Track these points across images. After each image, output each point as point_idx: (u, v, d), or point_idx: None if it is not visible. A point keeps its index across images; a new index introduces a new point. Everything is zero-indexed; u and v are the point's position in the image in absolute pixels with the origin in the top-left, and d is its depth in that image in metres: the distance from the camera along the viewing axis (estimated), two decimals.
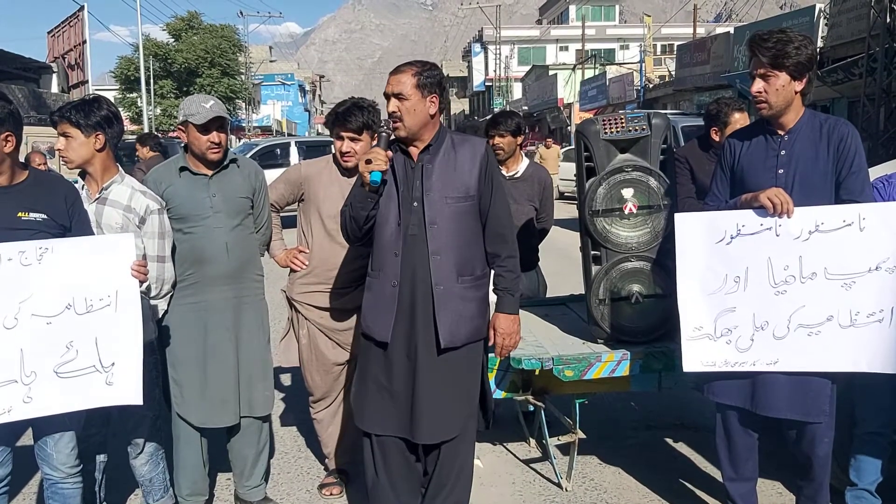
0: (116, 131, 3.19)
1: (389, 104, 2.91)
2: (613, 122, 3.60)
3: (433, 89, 2.92)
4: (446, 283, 2.90)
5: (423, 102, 2.91)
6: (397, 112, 2.88)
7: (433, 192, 2.91)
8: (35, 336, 2.71)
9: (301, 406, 4.68)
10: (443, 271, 2.90)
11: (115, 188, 3.17)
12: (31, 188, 2.85)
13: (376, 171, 2.81)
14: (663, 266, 3.53)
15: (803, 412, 2.96)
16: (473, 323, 2.99)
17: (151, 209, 3.18)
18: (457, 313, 2.92)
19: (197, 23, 42.45)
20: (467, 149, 2.99)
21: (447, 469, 3.04)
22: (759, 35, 2.97)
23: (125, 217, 3.14)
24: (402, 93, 2.88)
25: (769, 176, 3.01)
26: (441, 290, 2.90)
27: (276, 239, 3.75)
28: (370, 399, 3.03)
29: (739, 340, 3.01)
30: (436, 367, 2.93)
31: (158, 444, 3.37)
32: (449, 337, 2.91)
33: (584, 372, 3.55)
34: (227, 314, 3.38)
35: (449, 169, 2.95)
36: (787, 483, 3.69)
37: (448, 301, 2.91)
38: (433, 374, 2.92)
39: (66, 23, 28.74)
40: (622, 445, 4.34)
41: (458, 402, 2.99)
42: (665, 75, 31.60)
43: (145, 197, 3.20)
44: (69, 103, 3.16)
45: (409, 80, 2.89)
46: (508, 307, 3.05)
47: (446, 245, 2.90)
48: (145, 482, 3.36)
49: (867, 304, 2.88)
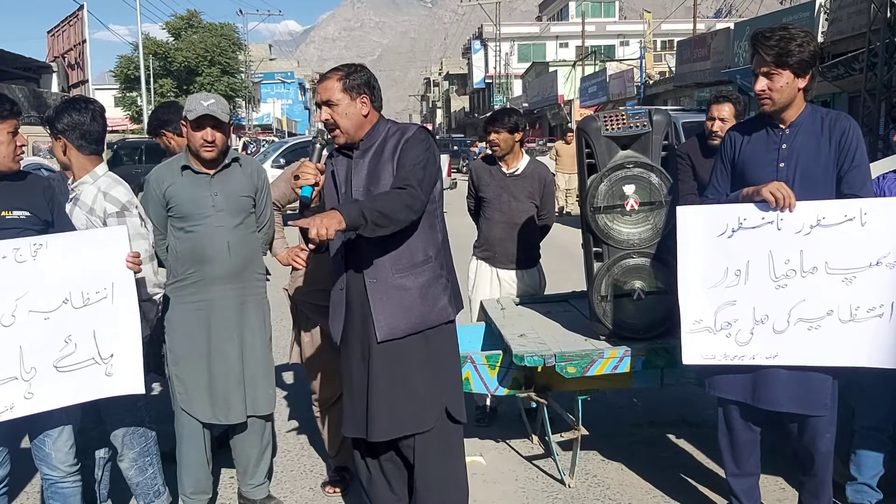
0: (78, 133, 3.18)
1: (321, 113, 2.88)
2: (614, 119, 3.60)
3: (361, 90, 2.88)
4: (380, 276, 2.85)
5: (354, 105, 2.87)
6: (330, 119, 2.86)
7: (360, 187, 2.88)
8: (33, 332, 2.73)
9: (304, 404, 4.69)
10: (374, 264, 2.85)
11: (86, 188, 3.20)
12: (9, 186, 2.86)
13: (305, 185, 2.78)
14: (665, 262, 3.53)
15: (804, 406, 2.96)
16: (416, 311, 2.86)
17: (109, 212, 3.17)
18: (394, 304, 2.85)
19: (196, 21, 42.43)
20: (396, 137, 2.91)
21: (426, 472, 2.95)
22: (761, 32, 2.96)
23: (88, 219, 3.15)
24: (330, 99, 2.85)
25: (770, 170, 3.01)
26: (374, 283, 2.85)
27: (277, 237, 3.75)
28: (346, 405, 3.06)
29: (739, 334, 3.01)
30: (382, 361, 2.88)
31: (143, 451, 3.33)
32: (387, 329, 2.84)
33: (587, 368, 3.55)
34: (229, 313, 3.38)
35: (376, 161, 2.89)
36: (790, 478, 3.69)
37: (382, 293, 2.85)
38: (381, 369, 2.88)
39: (66, 22, 28.76)
40: (625, 442, 4.34)
41: (413, 396, 2.89)
42: (665, 71, 31.56)
43: (105, 199, 3.19)
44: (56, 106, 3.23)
45: (336, 86, 2.85)
46: (345, 210, 2.60)
47: (376, 238, 2.77)
48: (133, 486, 3.37)
49: (867, 298, 2.88)
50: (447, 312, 2.96)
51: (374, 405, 2.88)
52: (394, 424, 2.89)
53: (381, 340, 2.85)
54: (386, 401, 2.87)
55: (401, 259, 2.86)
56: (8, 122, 2.77)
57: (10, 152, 2.79)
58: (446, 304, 2.95)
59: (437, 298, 2.92)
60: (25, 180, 2.93)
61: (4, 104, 2.77)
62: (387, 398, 2.87)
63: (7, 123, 2.77)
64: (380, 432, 2.89)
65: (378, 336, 2.85)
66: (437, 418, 2.93)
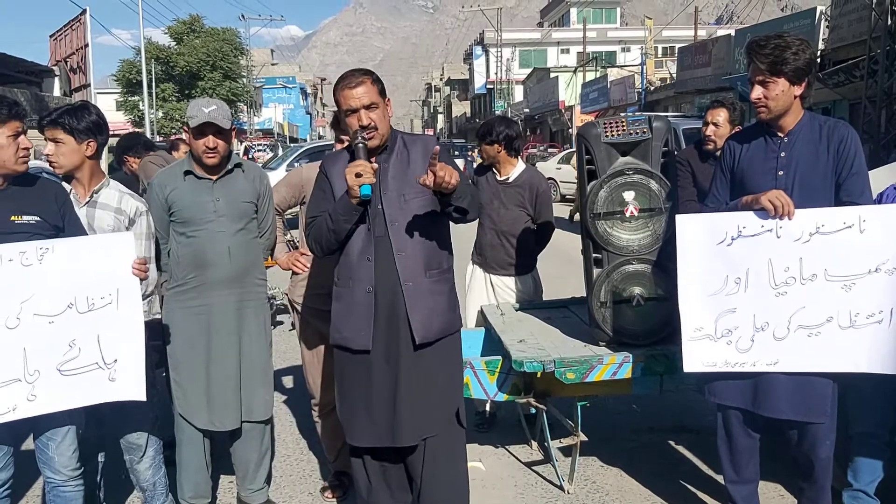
0: (105, 138, 3.22)
1: (361, 117, 2.85)
2: (615, 126, 3.61)
3: (385, 94, 2.96)
4: (415, 280, 2.88)
5: (387, 107, 2.94)
6: (373, 122, 2.86)
7: (390, 191, 2.90)
8: (37, 335, 2.74)
9: (303, 409, 4.69)
10: (410, 268, 2.88)
11: (105, 192, 3.21)
12: (21, 191, 2.86)
13: (366, 184, 2.77)
14: (664, 269, 3.53)
15: (805, 413, 2.97)
16: (445, 316, 2.97)
17: (141, 210, 3.25)
18: (428, 308, 2.91)
19: (198, 26, 42.51)
20: (418, 145, 3.00)
21: (433, 475, 2.97)
22: (756, 41, 2.98)
23: (116, 219, 3.18)
24: (374, 102, 2.86)
25: (769, 178, 3.02)
26: (410, 287, 2.88)
27: (278, 242, 3.76)
28: (356, 412, 2.99)
29: (740, 341, 3.02)
30: (414, 365, 2.90)
31: (159, 448, 3.38)
32: (423, 332, 2.88)
33: (586, 374, 3.56)
34: (229, 318, 3.39)
35: (403, 167, 2.94)
36: (789, 485, 3.69)
37: (419, 297, 2.89)
38: (412, 374, 2.90)
39: (69, 26, 28.79)
40: (624, 448, 4.34)
41: (436, 399, 2.96)
42: (666, 78, 31.63)
43: (133, 199, 3.25)
44: (58, 108, 3.18)
45: (373, 89, 2.87)
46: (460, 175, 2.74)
47: (409, 242, 2.88)
48: (148, 486, 3.36)
49: (867, 305, 2.89)
50: (460, 320, 3.09)
51: (403, 408, 2.89)
52: (422, 426, 2.92)
53: (420, 343, 2.89)
54: (415, 403, 2.90)
55: (431, 264, 2.93)
56: (9, 125, 2.76)
57: (11, 155, 2.77)
58: (459, 313, 3.09)
59: (455, 305, 3.05)
60: (36, 185, 2.91)
61: (3, 106, 2.75)
62: (417, 401, 2.90)
63: (7, 126, 2.75)
64: (409, 436, 2.91)
65: (416, 339, 2.88)
66: (448, 422, 2.99)
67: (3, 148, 2.75)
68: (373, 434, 2.94)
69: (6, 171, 2.80)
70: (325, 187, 3.00)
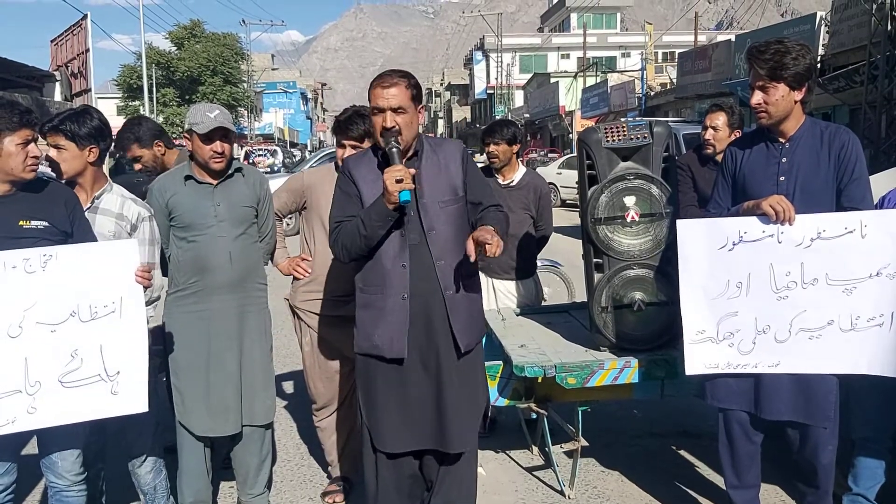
0: (108, 143, 3.22)
1: (386, 118, 2.78)
2: (615, 131, 3.62)
3: (420, 100, 2.91)
4: (454, 287, 2.87)
5: (417, 114, 2.86)
6: (397, 126, 2.77)
7: (425, 197, 2.85)
8: (39, 344, 2.69)
9: (304, 414, 4.68)
10: (449, 276, 2.86)
11: (106, 197, 3.19)
12: (30, 196, 2.84)
13: (406, 189, 2.69)
14: (666, 274, 3.54)
15: (808, 416, 2.98)
16: (480, 322, 3.04)
17: (143, 216, 3.21)
18: (468, 314, 2.92)
19: (199, 31, 42.60)
20: (447, 150, 2.95)
21: (453, 480, 2.99)
22: (756, 47, 2.99)
23: (118, 224, 3.16)
24: (401, 106, 2.78)
25: (770, 183, 3.03)
26: (451, 295, 2.86)
27: (278, 247, 3.76)
28: (387, 419, 2.92)
29: (741, 343, 3.03)
30: (457, 373, 2.90)
31: (160, 452, 3.37)
32: (466, 339, 2.89)
33: (587, 379, 3.55)
34: (230, 322, 3.39)
35: (434, 173, 2.89)
36: (790, 490, 3.68)
37: (459, 304, 2.88)
38: (456, 381, 2.89)
39: (70, 31, 28.80)
40: (625, 453, 4.33)
41: (474, 406, 2.99)
42: (666, 83, 31.67)
43: (136, 204, 3.22)
44: (60, 114, 3.16)
45: (405, 93, 2.80)
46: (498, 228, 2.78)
47: (448, 249, 2.86)
48: (149, 490, 3.36)
49: (867, 308, 2.91)
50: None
51: (452, 416, 2.87)
52: (467, 433, 2.94)
53: (465, 351, 2.90)
54: (461, 409, 2.90)
55: (463, 272, 2.90)
56: (18, 133, 2.72)
57: (19, 163, 2.73)
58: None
59: (483, 312, 3.06)
60: (46, 190, 2.89)
61: (14, 114, 2.72)
62: (462, 407, 2.90)
63: (17, 134, 2.72)
64: (458, 443, 2.90)
65: (462, 347, 2.88)
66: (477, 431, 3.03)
67: (11, 156, 2.73)
68: (412, 438, 2.91)
69: (13, 179, 2.77)
70: (350, 191, 2.92)
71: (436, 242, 2.85)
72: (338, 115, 3.75)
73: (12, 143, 2.73)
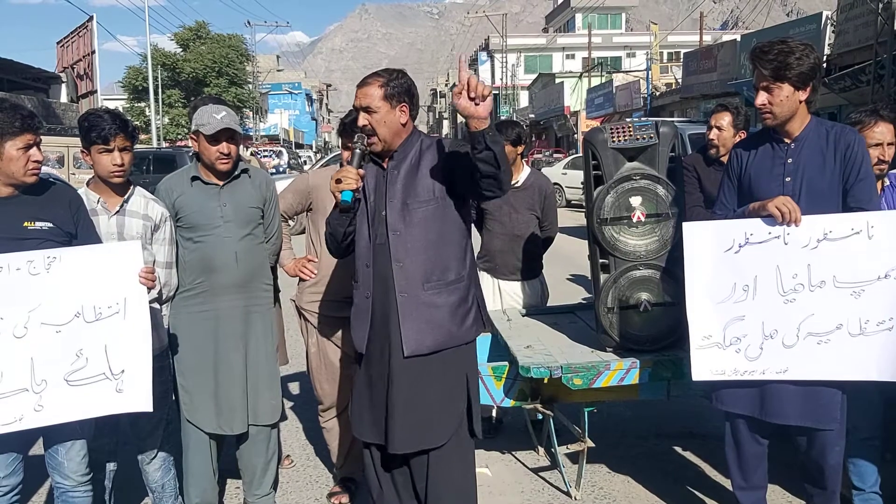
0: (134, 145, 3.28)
1: (359, 118, 2.85)
2: (621, 131, 3.61)
3: (402, 98, 2.85)
4: (410, 291, 2.83)
5: (393, 113, 2.83)
6: (368, 126, 2.82)
7: (395, 199, 2.85)
8: (45, 345, 2.73)
9: (310, 414, 4.69)
10: (406, 278, 2.83)
11: (133, 199, 3.24)
12: (34, 198, 2.86)
13: (346, 190, 2.75)
14: (672, 274, 3.53)
15: (814, 419, 2.96)
16: (444, 329, 2.86)
17: (165, 216, 3.29)
18: (423, 320, 2.84)
19: (205, 32, 42.65)
20: (433, 151, 2.91)
21: (439, 485, 2.94)
22: (760, 47, 2.97)
23: (144, 225, 3.21)
24: (369, 106, 2.80)
25: (776, 184, 3.01)
26: (404, 298, 2.83)
27: (284, 248, 3.77)
28: (357, 408, 3.03)
29: (749, 349, 3.01)
30: (406, 375, 2.85)
31: (170, 450, 3.39)
32: (413, 345, 2.83)
33: (593, 380, 3.55)
34: (235, 323, 3.40)
35: (413, 173, 2.87)
36: (797, 491, 3.67)
37: (412, 309, 2.83)
38: (404, 383, 2.85)
39: (75, 33, 28.91)
40: (631, 454, 4.33)
41: (434, 413, 2.88)
42: (672, 83, 31.58)
43: (158, 204, 3.28)
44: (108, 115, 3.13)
45: (377, 92, 2.81)
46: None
47: (410, 251, 2.82)
48: (157, 488, 3.38)
49: (876, 312, 2.88)
50: (472, 332, 2.97)
51: (396, 416, 2.86)
52: (412, 438, 2.87)
53: (408, 356, 2.84)
54: (405, 415, 2.86)
55: (432, 275, 2.85)
56: (21, 138, 2.74)
57: (20, 167, 2.76)
58: (472, 324, 2.95)
59: (464, 318, 2.92)
60: (50, 191, 2.91)
61: (16, 119, 2.73)
62: (406, 413, 2.86)
63: (19, 139, 2.74)
64: (399, 445, 2.89)
65: (405, 351, 2.83)
66: (451, 434, 2.91)
67: (12, 160, 2.75)
68: (371, 432, 2.97)
69: (15, 182, 2.80)
70: None
71: (398, 244, 2.83)
72: (343, 117, 3.76)
73: (14, 147, 2.75)
